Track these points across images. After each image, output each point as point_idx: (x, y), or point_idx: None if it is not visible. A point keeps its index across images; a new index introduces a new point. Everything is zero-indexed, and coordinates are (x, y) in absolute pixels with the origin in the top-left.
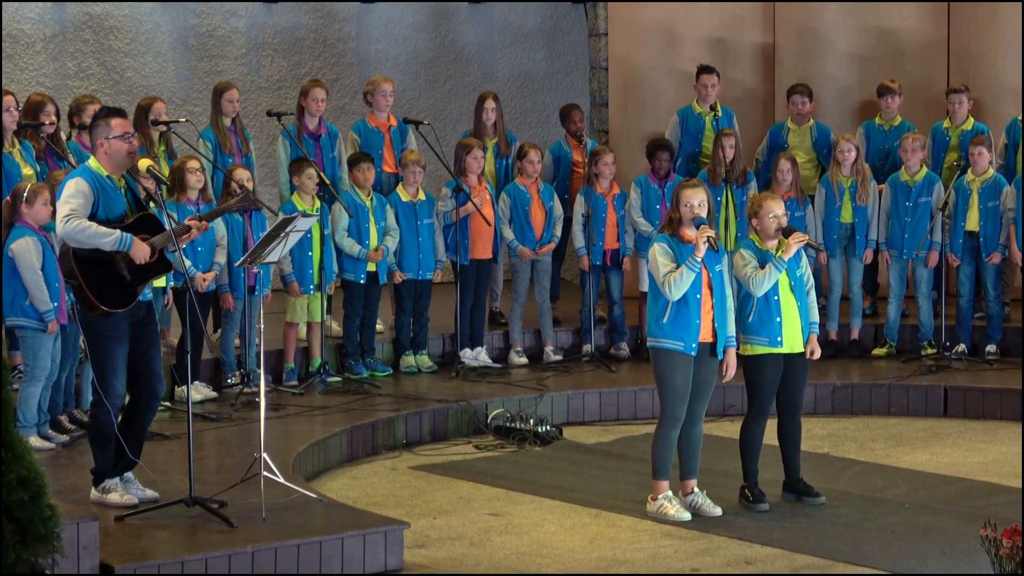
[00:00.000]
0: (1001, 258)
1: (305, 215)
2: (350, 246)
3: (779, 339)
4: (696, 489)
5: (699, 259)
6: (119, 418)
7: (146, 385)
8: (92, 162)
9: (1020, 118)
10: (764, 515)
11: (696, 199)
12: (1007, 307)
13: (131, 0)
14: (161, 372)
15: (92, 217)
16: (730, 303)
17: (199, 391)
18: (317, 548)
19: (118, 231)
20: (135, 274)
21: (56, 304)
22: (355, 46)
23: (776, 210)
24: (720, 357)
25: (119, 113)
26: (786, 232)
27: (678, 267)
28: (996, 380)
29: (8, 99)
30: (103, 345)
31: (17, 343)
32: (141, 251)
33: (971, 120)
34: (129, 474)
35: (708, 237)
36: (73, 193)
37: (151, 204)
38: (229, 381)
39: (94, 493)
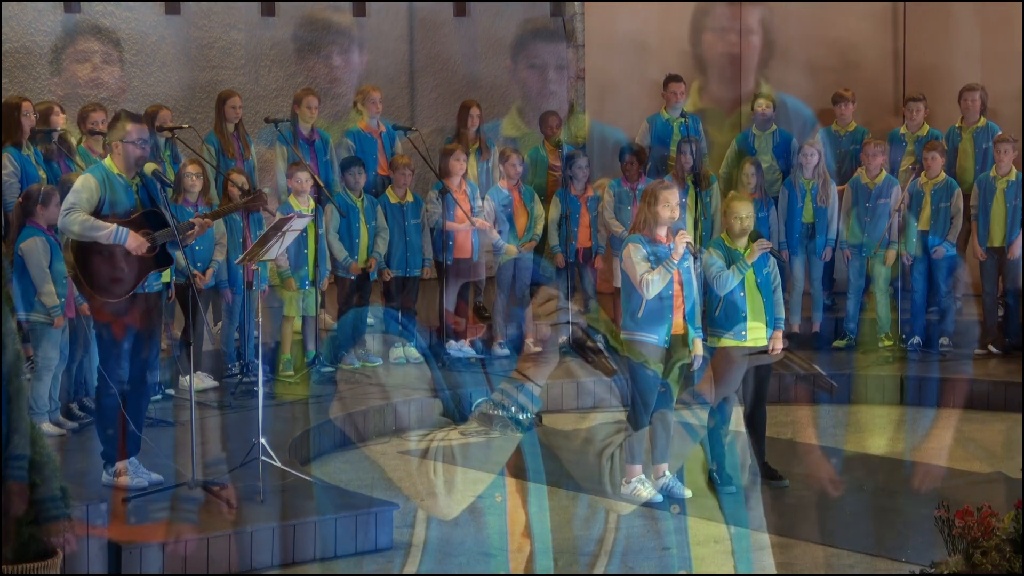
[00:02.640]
0: (945, 253)
1: (300, 215)
2: (338, 250)
3: (744, 333)
4: (667, 472)
5: (676, 261)
6: (122, 403)
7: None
8: (107, 160)
9: (958, 125)
10: (731, 497)
11: (674, 199)
12: (958, 301)
13: (138, 0)
14: (153, 363)
15: (97, 211)
16: (697, 297)
17: (201, 380)
18: (312, 528)
19: (114, 225)
20: (132, 266)
21: (63, 299)
22: (347, 57)
23: (741, 212)
24: (690, 348)
25: (134, 118)
26: (753, 237)
27: (653, 268)
28: (949, 370)
29: (26, 105)
30: (103, 332)
31: (27, 336)
32: (135, 243)
33: (926, 126)
34: (135, 458)
35: (687, 242)
36: (78, 188)
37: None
38: (230, 371)
39: (104, 476)
